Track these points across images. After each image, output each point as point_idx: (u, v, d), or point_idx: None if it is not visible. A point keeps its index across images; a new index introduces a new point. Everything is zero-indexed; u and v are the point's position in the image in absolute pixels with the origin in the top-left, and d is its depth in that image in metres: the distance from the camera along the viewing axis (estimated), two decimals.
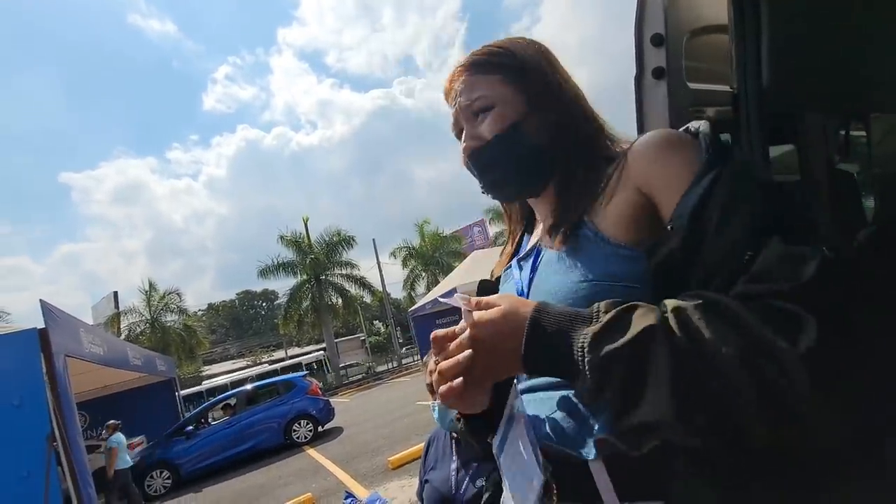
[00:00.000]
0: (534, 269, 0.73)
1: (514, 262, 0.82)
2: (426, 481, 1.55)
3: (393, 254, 26.74)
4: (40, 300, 4.51)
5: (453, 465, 1.46)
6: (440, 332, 0.62)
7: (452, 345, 0.59)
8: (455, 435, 1.50)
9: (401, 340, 29.52)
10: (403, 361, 25.46)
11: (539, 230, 0.82)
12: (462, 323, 0.60)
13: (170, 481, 8.81)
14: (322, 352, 24.23)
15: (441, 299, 0.66)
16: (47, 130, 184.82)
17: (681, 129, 0.66)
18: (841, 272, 0.48)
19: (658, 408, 0.46)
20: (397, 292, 32.32)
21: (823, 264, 0.47)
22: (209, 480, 8.66)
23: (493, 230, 27.46)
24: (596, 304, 0.54)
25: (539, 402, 0.66)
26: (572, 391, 0.59)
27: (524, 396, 0.68)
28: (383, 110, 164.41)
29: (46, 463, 3.81)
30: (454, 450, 1.49)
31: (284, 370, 24.05)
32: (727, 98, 0.93)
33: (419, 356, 22.14)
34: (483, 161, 0.76)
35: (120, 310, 20.95)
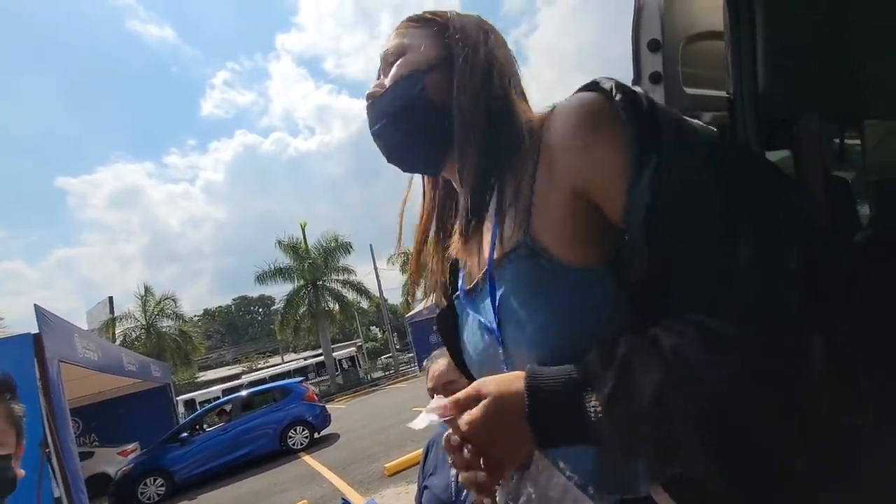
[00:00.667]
0: (496, 311, 0.62)
1: (461, 293, 0.72)
2: (425, 487, 1.53)
3: (390, 259, 26.77)
4: (34, 305, 4.49)
5: (454, 471, 1.44)
6: (450, 442, 0.56)
7: (458, 460, 0.54)
8: None
9: (398, 346, 29.44)
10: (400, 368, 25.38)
11: (475, 242, 0.69)
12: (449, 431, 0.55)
13: (163, 489, 8.71)
14: (330, 354, 24.17)
15: (414, 426, 0.59)
16: (44, 134, 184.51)
17: (592, 89, 0.55)
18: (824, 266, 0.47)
19: (696, 460, 0.46)
20: (395, 298, 32.33)
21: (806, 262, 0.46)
22: (204, 487, 8.58)
23: None
24: (586, 358, 0.50)
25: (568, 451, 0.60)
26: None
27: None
28: None
29: (39, 469, 3.77)
30: None
31: (319, 366, 24.95)
32: (723, 103, 0.94)
33: (416, 363, 22.09)
34: (376, 108, 0.70)
35: (115, 315, 20.82)
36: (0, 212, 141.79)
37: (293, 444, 9.53)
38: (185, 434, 9.34)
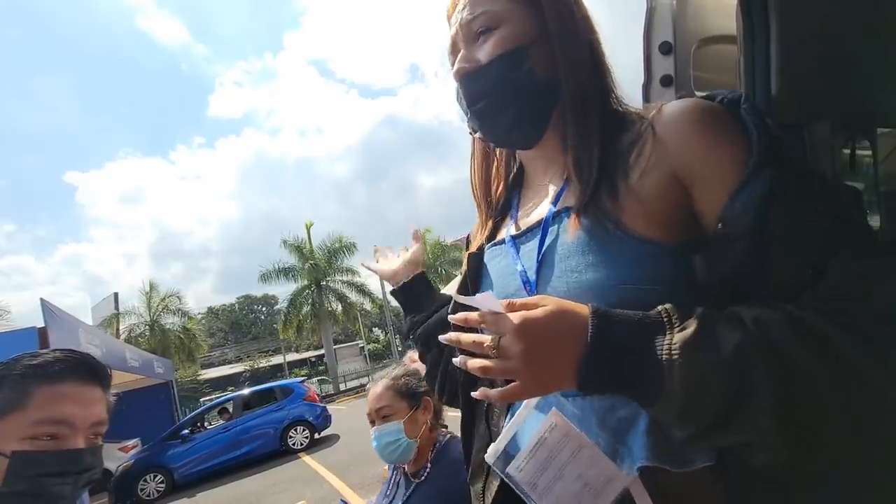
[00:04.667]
0: (541, 258, 0.62)
1: (507, 238, 0.69)
2: None
3: None
4: (41, 299, 4.52)
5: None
6: (465, 336, 0.53)
7: (488, 345, 0.50)
8: (406, 470, 1.40)
9: (399, 349, 29.44)
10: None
11: (536, 200, 0.71)
12: (485, 335, 0.51)
13: (163, 485, 8.73)
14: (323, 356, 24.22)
15: (462, 299, 0.55)
16: (54, 130, 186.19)
17: (710, 99, 0.57)
18: None
19: (758, 428, 0.43)
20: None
21: None
22: (203, 486, 8.58)
23: None
24: (662, 308, 0.48)
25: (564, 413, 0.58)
26: (605, 405, 0.55)
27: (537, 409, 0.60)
28: (389, 118, 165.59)
29: None
30: (402, 485, 1.41)
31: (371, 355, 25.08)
32: None
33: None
34: (476, 87, 0.65)
35: (120, 311, 20.93)
36: (10, 206, 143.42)
37: (293, 444, 9.53)
38: (185, 431, 9.36)
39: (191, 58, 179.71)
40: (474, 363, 0.51)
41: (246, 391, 10.93)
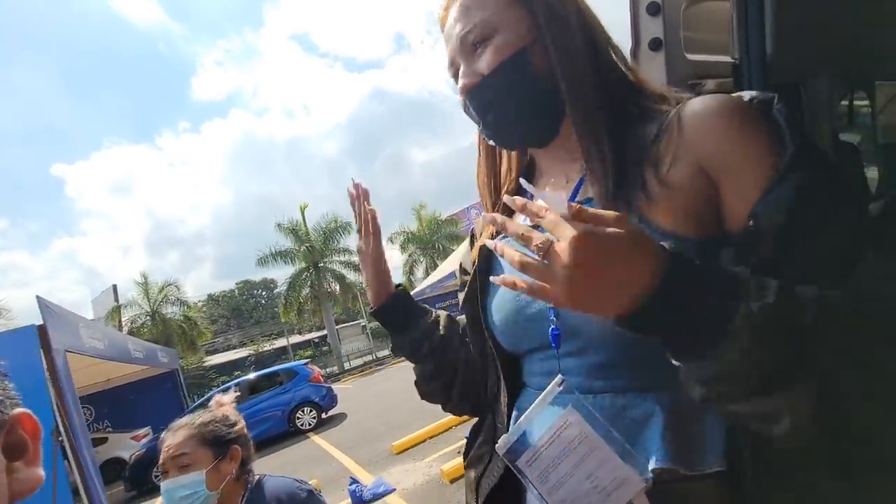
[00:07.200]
0: None
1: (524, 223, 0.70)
2: None
3: (390, 239, 26.73)
4: (37, 297, 4.49)
5: None
6: (515, 224, 0.47)
7: (537, 244, 0.44)
8: None
9: None
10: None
11: (551, 188, 0.69)
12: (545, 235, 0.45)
13: None
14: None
15: (530, 188, 0.49)
16: (37, 122, 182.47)
17: (737, 97, 0.56)
18: None
19: (799, 398, 0.43)
20: (396, 277, 32.36)
21: None
22: None
23: None
24: (733, 267, 0.49)
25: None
26: (622, 401, 0.55)
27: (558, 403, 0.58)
28: (377, 91, 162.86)
29: (53, 457, 3.84)
30: None
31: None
32: (728, 69, 0.90)
33: None
34: (482, 99, 0.65)
35: (120, 303, 20.96)
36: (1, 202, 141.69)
37: (301, 425, 9.68)
38: None
39: (169, 38, 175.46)
40: (513, 252, 0.47)
41: (251, 375, 11.03)
